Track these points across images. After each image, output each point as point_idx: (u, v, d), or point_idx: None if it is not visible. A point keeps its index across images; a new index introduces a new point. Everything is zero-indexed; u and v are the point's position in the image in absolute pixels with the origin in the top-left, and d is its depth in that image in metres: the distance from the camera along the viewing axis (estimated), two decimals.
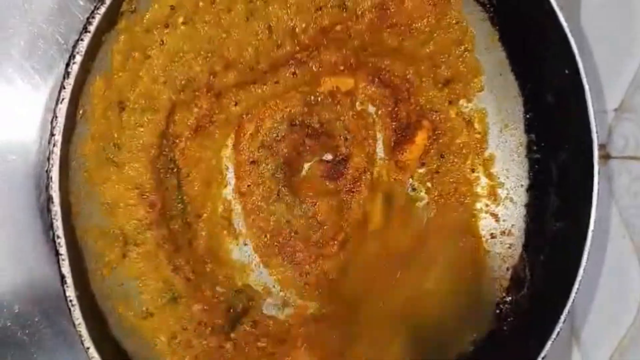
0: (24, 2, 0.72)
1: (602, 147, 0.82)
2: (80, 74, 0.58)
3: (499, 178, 0.82)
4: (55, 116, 0.56)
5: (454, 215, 0.81)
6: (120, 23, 0.63)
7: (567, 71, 0.73)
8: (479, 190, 0.82)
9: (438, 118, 0.80)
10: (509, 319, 0.79)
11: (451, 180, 0.81)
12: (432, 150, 0.81)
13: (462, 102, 0.81)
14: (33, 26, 0.72)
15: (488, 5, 0.79)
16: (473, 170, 0.81)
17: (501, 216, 0.82)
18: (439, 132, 0.81)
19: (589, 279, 0.74)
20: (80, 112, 0.61)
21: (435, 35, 0.77)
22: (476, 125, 0.81)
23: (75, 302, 0.56)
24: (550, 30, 0.73)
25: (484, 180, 0.82)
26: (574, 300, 0.71)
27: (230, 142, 0.78)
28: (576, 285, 0.71)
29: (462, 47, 0.78)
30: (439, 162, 0.81)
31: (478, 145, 0.81)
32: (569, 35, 0.71)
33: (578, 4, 0.87)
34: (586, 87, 0.72)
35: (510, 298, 0.80)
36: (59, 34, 0.72)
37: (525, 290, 0.79)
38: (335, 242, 0.79)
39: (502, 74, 0.81)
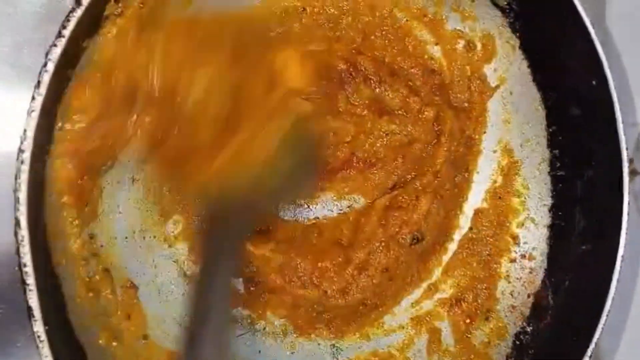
0: (8, 7, 0.68)
1: (628, 162, 0.77)
2: (56, 83, 0.53)
3: (519, 197, 0.78)
4: (24, 131, 0.51)
5: None
6: (105, 27, 0.58)
7: (594, 82, 0.69)
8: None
9: None
10: (530, 351, 0.75)
11: None
12: None
13: None
14: (18, 33, 0.69)
15: (508, 10, 0.75)
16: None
17: (521, 238, 0.78)
18: None
19: (618, 308, 0.68)
20: (59, 125, 0.56)
21: None
22: None
23: (43, 337, 0.51)
24: (576, 38, 0.69)
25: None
26: (601, 331, 0.67)
27: None
28: (604, 315, 0.67)
29: None
30: None
31: None
32: (597, 42, 0.68)
33: (603, 8, 0.83)
34: (615, 99, 0.68)
35: (531, 328, 0.76)
36: (45, 41, 0.68)
37: (548, 320, 0.74)
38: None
39: (523, 85, 0.77)
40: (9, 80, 0.69)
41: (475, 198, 0.79)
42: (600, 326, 0.66)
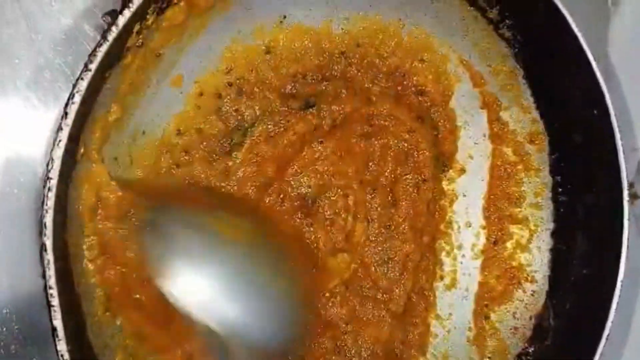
0: (30, 31, 0.70)
1: (630, 185, 0.79)
2: (81, 112, 0.55)
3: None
4: (51, 159, 0.53)
5: None
6: (126, 58, 0.60)
7: (595, 112, 0.70)
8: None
9: None
10: None
11: None
12: None
13: None
14: (39, 56, 0.70)
15: (513, 42, 0.77)
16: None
17: (524, 261, 0.79)
18: None
19: (618, 331, 0.70)
20: (82, 150, 0.58)
21: None
22: None
23: (67, 356, 0.53)
24: (578, 69, 0.70)
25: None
26: (601, 353, 0.68)
27: None
28: (604, 338, 0.68)
29: None
30: None
31: None
32: (598, 75, 0.69)
33: (605, 39, 0.84)
34: (616, 128, 0.69)
35: (533, 349, 0.77)
36: (66, 65, 0.70)
37: (550, 342, 0.75)
38: None
39: (526, 113, 0.79)
40: (30, 102, 0.70)
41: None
42: (600, 348, 0.67)
